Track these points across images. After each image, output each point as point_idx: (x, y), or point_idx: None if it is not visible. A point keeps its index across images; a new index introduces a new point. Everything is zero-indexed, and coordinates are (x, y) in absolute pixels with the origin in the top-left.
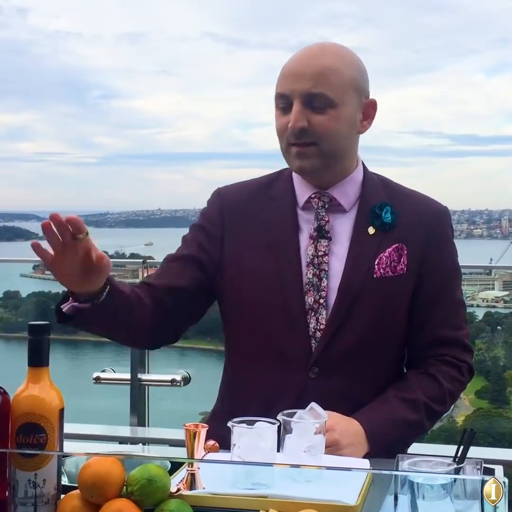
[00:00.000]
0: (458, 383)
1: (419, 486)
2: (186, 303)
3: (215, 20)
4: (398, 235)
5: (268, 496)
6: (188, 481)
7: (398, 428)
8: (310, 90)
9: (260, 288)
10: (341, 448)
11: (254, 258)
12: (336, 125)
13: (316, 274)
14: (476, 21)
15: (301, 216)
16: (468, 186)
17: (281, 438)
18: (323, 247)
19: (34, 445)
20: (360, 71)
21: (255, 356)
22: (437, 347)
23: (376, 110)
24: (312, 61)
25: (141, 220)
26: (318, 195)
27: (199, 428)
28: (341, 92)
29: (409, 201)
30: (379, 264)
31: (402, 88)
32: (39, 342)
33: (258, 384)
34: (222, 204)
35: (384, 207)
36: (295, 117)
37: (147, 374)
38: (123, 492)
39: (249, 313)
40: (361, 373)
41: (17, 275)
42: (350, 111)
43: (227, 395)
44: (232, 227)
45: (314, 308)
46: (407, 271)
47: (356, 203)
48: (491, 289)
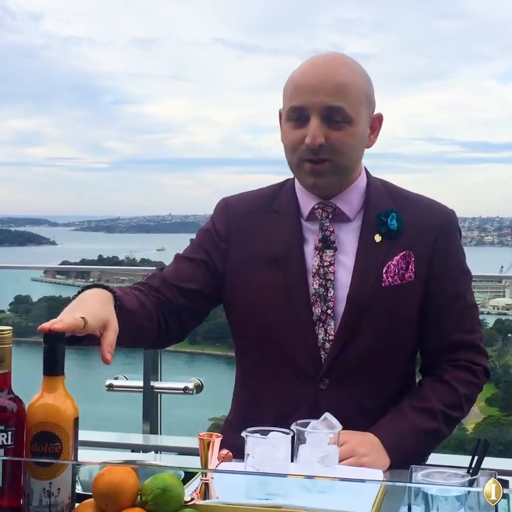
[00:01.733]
0: (473, 387)
1: (433, 497)
2: (196, 305)
3: (227, 25)
4: (405, 242)
5: (282, 506)
6: (202, 490)
7: (416, 438)
8: (330, 104)
9: (266, 300)
10: (361, 457)
11: (260, 271)
12: (352, 141)
13: (323, 284)
14: (488, 27)
15: (306, 227)
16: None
17: (295, 448)
18: (329, 257)
19: (49, 454)
20: (370, 83)
21: (265, 369)
22: (451, 352)
23: (381, 124)
24: (328, 74)
25: (152, 226)
26: (321, 206)
27: (213, 437)
28: (357, 106)
29: (414, 206)
30: (387, 272)
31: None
32: (54, 351)
33: (269, 396)
34: (228, 217)
35: (390, 214)
36: (314, 133)
37: (159, 381)
38: (137, 501)
39: (256, 326)
40: (372, 383)
41: (28, 279)
42: (363, 126)
43: (239, 405)
44: (238, 241)
45: (322, 319)
46: (415, 278)
47: (361, 211)
48: (502, 296)
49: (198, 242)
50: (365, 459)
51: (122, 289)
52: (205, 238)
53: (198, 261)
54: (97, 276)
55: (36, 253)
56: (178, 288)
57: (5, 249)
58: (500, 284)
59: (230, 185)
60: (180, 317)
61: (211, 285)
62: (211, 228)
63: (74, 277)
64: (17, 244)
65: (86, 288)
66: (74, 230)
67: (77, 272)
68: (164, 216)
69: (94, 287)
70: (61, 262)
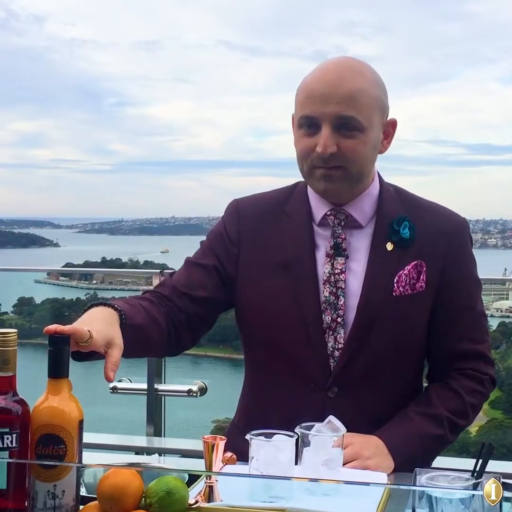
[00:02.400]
0: (479, 396)
1: (437, 500)
2: (207, 312)
3: (230, 28)
4: (417, 251)
5: (286, 509)
6: (206, 493)
7: (421, 443)
8: (341, 113)
9: (275, 306)
10: (365, 460)
11: (270, 276)
12: (364, 149)
13: (333, 292)
14: (492, 30)
15: (318, 233)
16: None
17: (299, 451)
18: (340, 265)
19: (54, 456)
20: (382, 88)
21: (273, 375)
22: (459, 361)
23: (395, 129)
24: (339, 82)
25: (155, 228)
26: (334, 213)
27: (217, 440)
28: (369, 114)
29: (426, 213)
30: (398, 282)
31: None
32: (59, 353)
33: (276, 402)
34: (239, 219)
35: (402, 222)
36: (325, 143)
37: (163, 384)
38: (142, 504)
39: (265, 332)
40: (380, 391)
41: (32, 281)
42: (375, 133)
43: (246, 409)
44: (248, 244)
45: (332, 327)
46: (426, 287)
47: (373, 218)
48: (505, 299)
49: (209, 246)
50: (369, 462)
51: (129, 302)
52: (216, 242)
53: (209, 267)
54: (101, 278)
55: (39, 255)
56: (189, 296)
57: (9, 251)
58: (503, 287)
59: (234, 187)
60: (191, 325)
61: (222, 291)
62: (222, 231)
63: (77, 279)
64: (21, 246)
65: (91, 306)
66: (77, 232)
67: (80, 274)
68: (167, 218)
69: (99, 305)
70: (64, 264)
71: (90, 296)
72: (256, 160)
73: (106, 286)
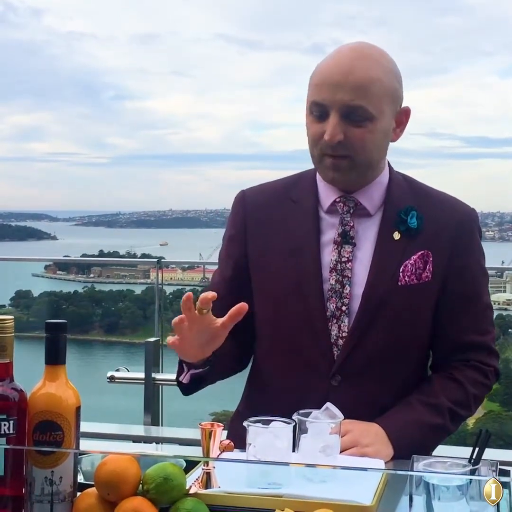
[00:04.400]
0: (483, 387)
1: (434, 487)
2: (247, 323)
3: (228, 21)
4: (424, 241)
5: (283, 495)
6: (203, 480)
7: (421, 431)
8: (350, 103)
9: (280, 293)
10: (364, 447)
11: (276, 263)
12: (373, 138)
13: (339, 280)
14: (489, 23)
15: (324, 220)
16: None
17: (296, 438)
18: (347, 253)
19: (51, 443)
20: (397, 77)
21: (277, 362)
22: (463, 352)
23: (409, 118)
24: (352, 70)
25: (153, 221)
26: (343, 200)
27: (215, 427)
28: (380, 104)
29: (435, 203)
30: (404, 271)
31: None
32: (56, 340)
33: (280, 390)
34: (245, 209)
35: (410, 212)
36: (333, 131)
37: (161, 373)
38: (139, 490)
39: (270, 319)
40: (383, 380)
41: (29, 275)
42: (386, 122)
43: (250, 397)
44: (255, 231)
45: (336, 315)
46: (432, 278)
47: (382, 206)
48: (503, 291)
49: (227, 254)
50: (368, 449)
51: None
52: (233, 249)
53: (238, 284)
54: (98, 271)
55: (37, 248)
56: (232, 334)
57: (6, 244)
58: (501, 280)
59: (231, 180)
60: (241, 342)
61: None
62: (233, 231)
63: (74, 273)
64: (18, 239)
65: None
66: (74, 225)
67: (77, 268)
68: (165, 211)
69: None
70: (62, 257)
71: (87, 289)
72: (254, 154)
73: (103, 279)
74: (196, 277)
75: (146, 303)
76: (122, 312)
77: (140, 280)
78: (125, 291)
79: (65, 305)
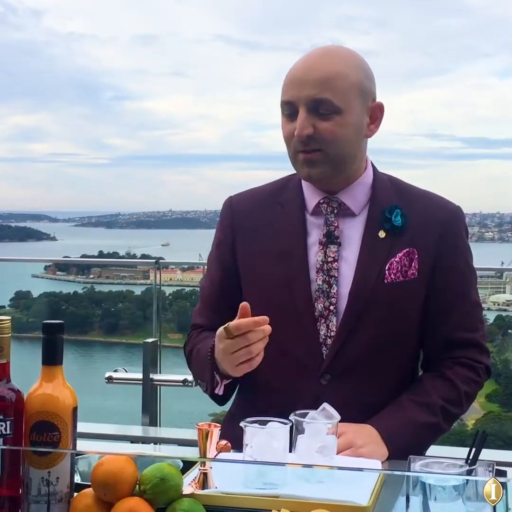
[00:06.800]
0: (474, 384)
1: (431, 487)
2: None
3: (228, 22)
4: (409, 239)
5: (280, 496)
6: (200, 480)
7: (414, 431)
8: (315, 96)
9: (269, 294)
10: (359, 448)
11: (264, 266)
12: (342, 130)
13: (326, 280)
14: (489, 24)
15: (310, 222)
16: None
17: (293, 439)
18: (333, 253)
19: (48, 443)
20: (366, 73)
21: (267, 363)
22: (453, 349)
23: (383, 113)
24: (316, 67)
25: (152, 221)
26: (327, 200)
27: (212, 427)
28: (347, 97)
29: (420, 202)
30: (389, 269)
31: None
32: (53, 340)
33: (270, 390)
34: (232, 215)
35: (394, 210)
36: (301, 124)
37: (159, 374)
38: (136, 490)
39: None
40: (373, 379)
41: (29, 275)
42: (356, 115)
43: (242, 397)
44: (243, 237)
45: (324, 315)
46: (418, 275)
47: (366, 206)
48: (502, 292)
49: (216, 259)
50: (363, 450)
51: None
52: (222, 254)
53: (228, 287)
54: (98, 272)
55: (36, 248)
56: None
57: (5, 245)
58: (500, 280)
59: (231, 181)
60: None
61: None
62: (222, 237)
63: (74, 274)
64: (18, 240)
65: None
66: (74, 225)
67: (77, 269)
68: (164, 212)
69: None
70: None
71: (87, 290)
72: (254, 154)
73: (103, 280)
74: (196, 278)
75: (145, 304)
76: (122, 313)
77: (139, 281)
78: (124, 291)
79: (65, 306)
